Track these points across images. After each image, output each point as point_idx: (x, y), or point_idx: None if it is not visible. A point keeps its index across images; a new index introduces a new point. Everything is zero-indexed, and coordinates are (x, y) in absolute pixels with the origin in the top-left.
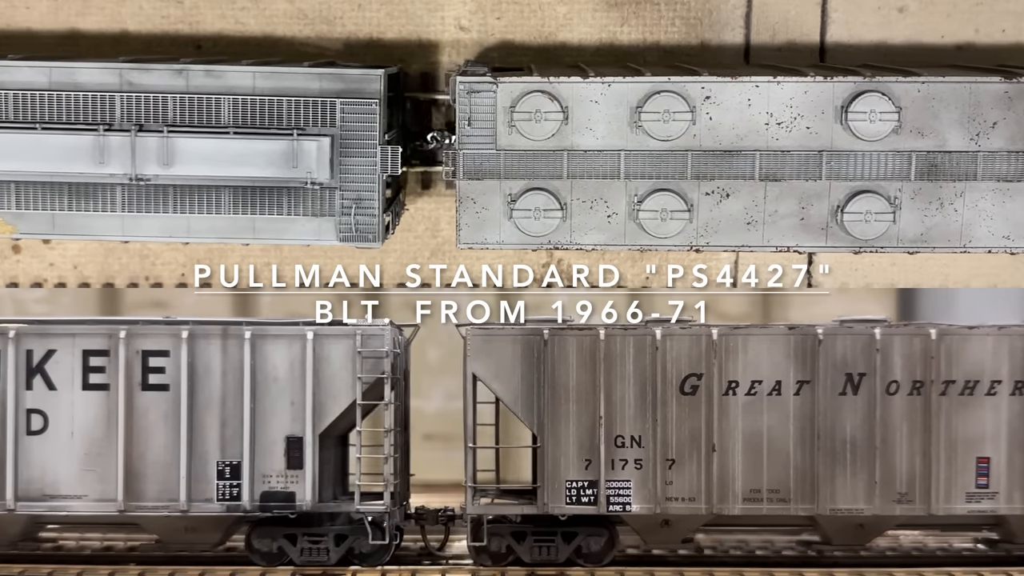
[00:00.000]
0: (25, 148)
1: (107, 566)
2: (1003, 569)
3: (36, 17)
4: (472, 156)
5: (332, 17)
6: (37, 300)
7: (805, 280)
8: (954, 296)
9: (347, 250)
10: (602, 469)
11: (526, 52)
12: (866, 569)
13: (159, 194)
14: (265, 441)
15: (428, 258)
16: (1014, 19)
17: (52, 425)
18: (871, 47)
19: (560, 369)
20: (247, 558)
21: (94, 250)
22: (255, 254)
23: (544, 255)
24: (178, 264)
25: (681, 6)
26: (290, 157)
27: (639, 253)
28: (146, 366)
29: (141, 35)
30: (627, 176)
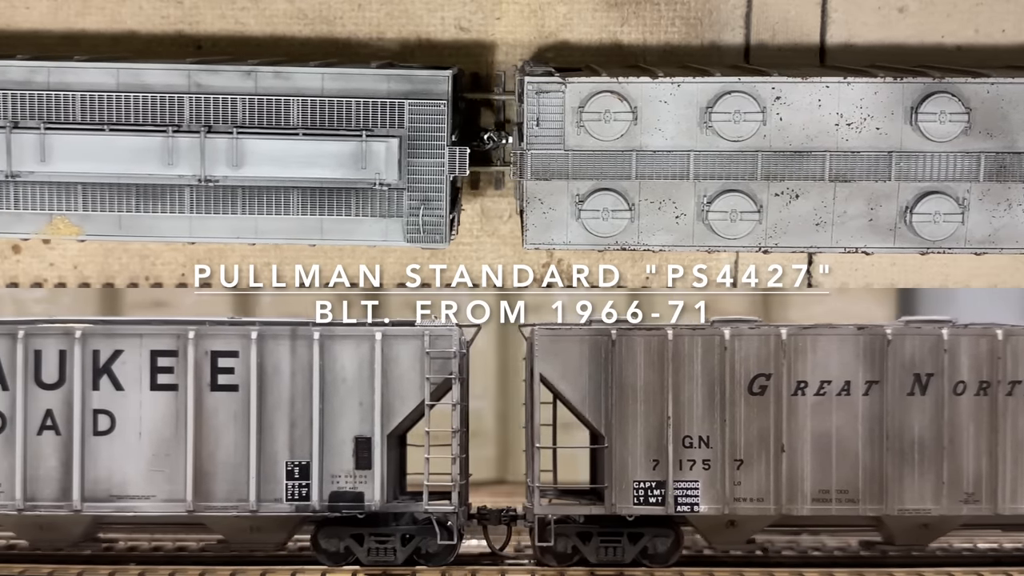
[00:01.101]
0: (93, 150)
1: (107, 566)
2: (1003, 569)
3: (36, 17)
4: (540, 156)
5: (332, 17)
6: (37, 300)
7: (805, 280)
8: (954, 296)
9: (347, 250)
10: (670, 469)
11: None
12: (866, 569)
13: (227, 195)
14: (334, 441)
15: (428, 258)
16: (1014, 19)
17: (119, 426)
18: (871, 47)
19: (628, 369)
20: (248, 558)
21: (94, 250)
22: (255, 254)
23: (544, 255)
24: (178, 264)
25: (681, 6)
26: (359, 158)
27: (639, 253)
28: (215, 366)
29: (141, 35)
30: (696, 177)
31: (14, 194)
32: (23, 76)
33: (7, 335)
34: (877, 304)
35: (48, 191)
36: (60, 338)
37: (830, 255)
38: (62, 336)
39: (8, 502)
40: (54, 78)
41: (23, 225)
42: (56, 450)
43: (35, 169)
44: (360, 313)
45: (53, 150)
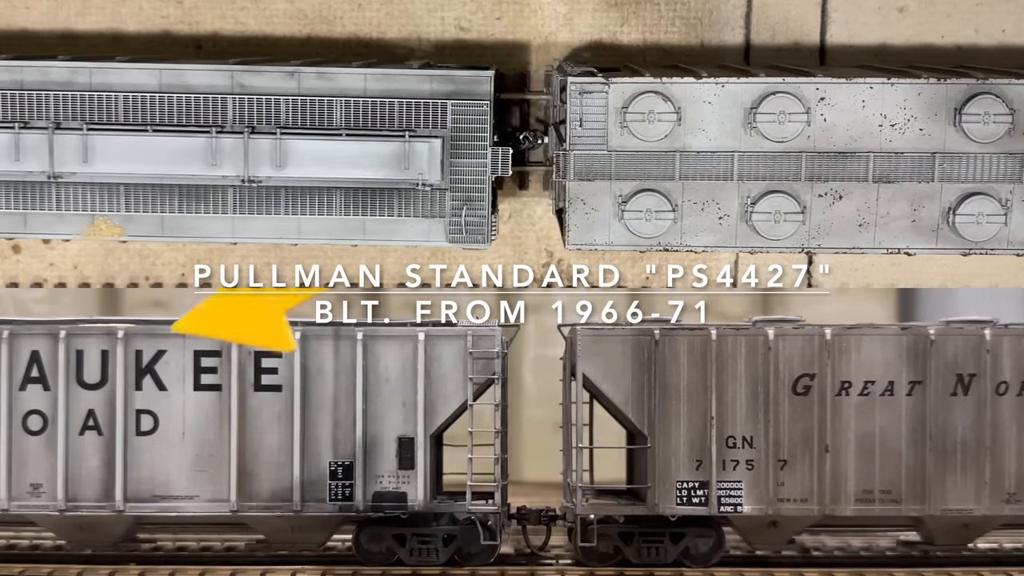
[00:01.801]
0: (136, 151)
1: (107, 566)
2: (1003, 569)
3: (36, 17)
4: (583, 157)
5: (332, 17)
6: (37, 300)
7: (805, 280)
8: (954, 296)
9: (347, 250)
10: (713, 470)
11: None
12: (866, 569)
13: (270, 195)
14: (377, 441)
15: (428, 258)
16: (1014, 19)
17: (162, 426)
18: (871, 47)
19: (671, 369)
20: (248, 557)
21: (94, 250)
22: (255, 254)
23: (544, 255)
24: (178, 264)
25: (681, 6)
26: (402, 159)
27: (639, 253)
28: (259, 367)
29: (141, 35)
30: (740, 178)
31: (56, 195)
32: (65, 77)
33: (48, 335)
34: (877, 304)
35: (90, 192)
36: (102, 338)
37: (830, 255)
38: (104, 336)
39: (49, 503)
40: (96, 79)
41: (64, 226)
42: (98, 450)
43: (77, 170)
44: (361, 313)
45: (95, 151)
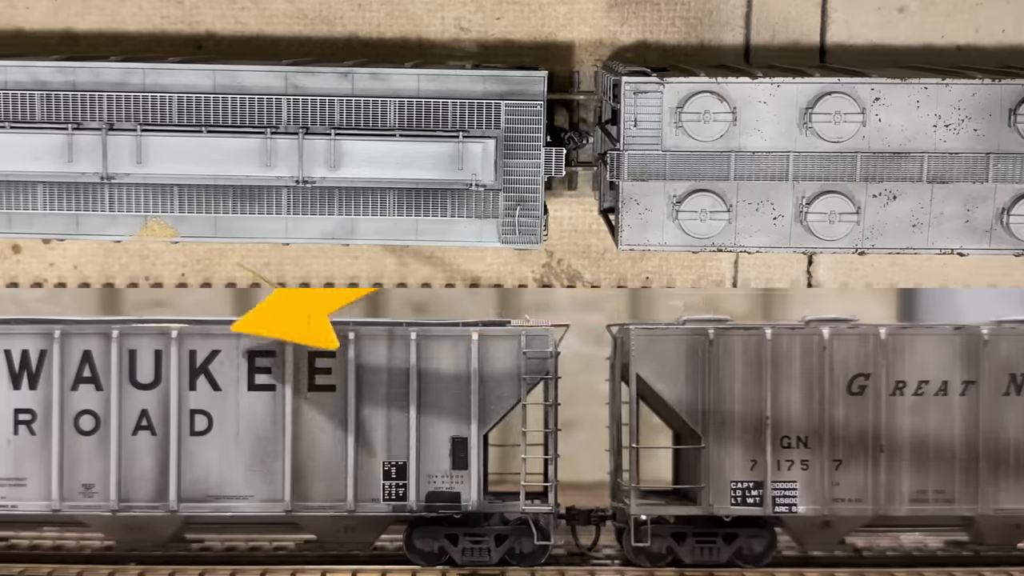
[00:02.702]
0: (190, 152)
1: (107, 566)
2: (1004, 569)
3: (36, 17)
4: (637, 157)
5: (332, 17)
6: (37, 300)
7: (805, 280)
8: (954, 296)
9: (346, 249)
10: (768, 470)
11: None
12: (866, 569)
13: (324, 196)
14: (431, 441)
15: (428, 257)
16: (1014, 19)
17: (216, 426)
18: (871, 47)
19: (725, 369)
20: (248, 557)
21: (94, 250)
22: (255, 254)
23: (544, 255)
24: (178, 264)
25: (681, 6)
26: (455, 159)
27: (639, 253)
28: (312, 367)
29: (141, 35)
30: (795, 178)
31: (109, 196)
32: (118, 77)
33: (101, 335)
34: (878, 304)
35: (143, 193)
36: (156, 338)
37: (830, 255)
38: (158, 336)
39: (102, 503)
40: (149, 79)
41: (117, 227)
42: (152, 450)
43: (131, 171)
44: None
45: (149, 152)
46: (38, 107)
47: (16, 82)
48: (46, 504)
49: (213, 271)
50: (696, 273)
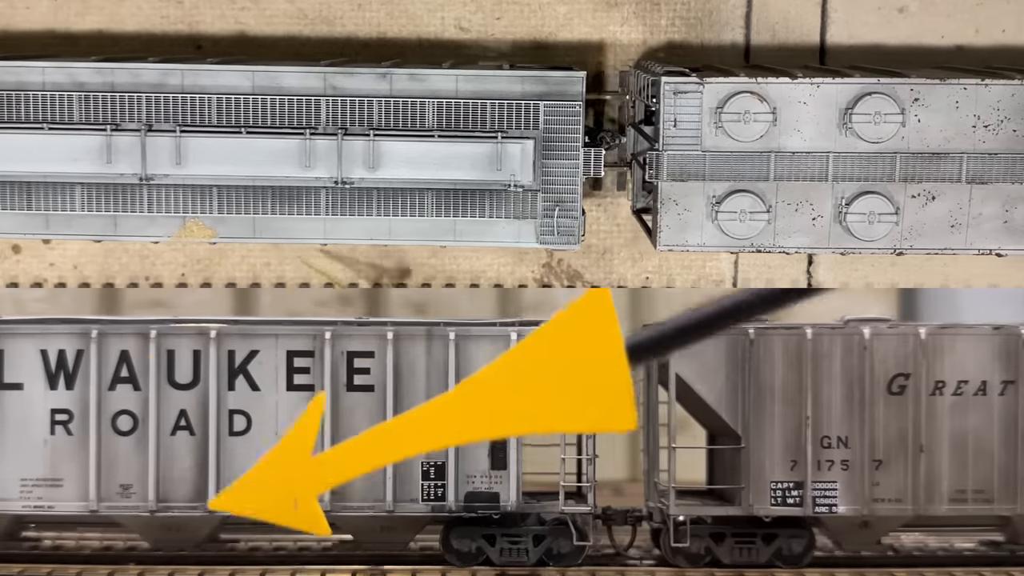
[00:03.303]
0: (229, 152)
1: (107, 566)
2: (1004, 569)
3: (36, 17)
4: (676, 157)
5: (332, 17)
6: (37, 300)
7: (805, 280)
8: (954, 296)
9: (347, 248)
10: (809, 470)
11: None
12: (866, 569)
13: (362, 197)
14: None
15: (428, 257)
16: (1014, 19)
17: (255, 426)
18: (871, 47)
19: (765, 369)
20: (247, 557)
21: (94, 250)
22: (255, 254)
23: (544, 255)
24: (178, 264)
25: (681, 6)
26: (494, 160)
27: (639, 253)
28: (351, 367)
29: (141, 35)
30: (835, 178)
31: (147, 197)
32: (157, 79)
33: (139, 334)
34: (878, 304)
35: (182, 194)
36: (194, 338)
37: (830, 255)
38: (196, 336)
39: (140, 503)
40: (188, 80)
41: (155, 228)
42: (190, 450)
43: (170, 172)
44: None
45: (188, 153)
46: (76, 108)
47: (54, 83)
48: (83, 505)
49: (213, 271)
50: (696, 273)
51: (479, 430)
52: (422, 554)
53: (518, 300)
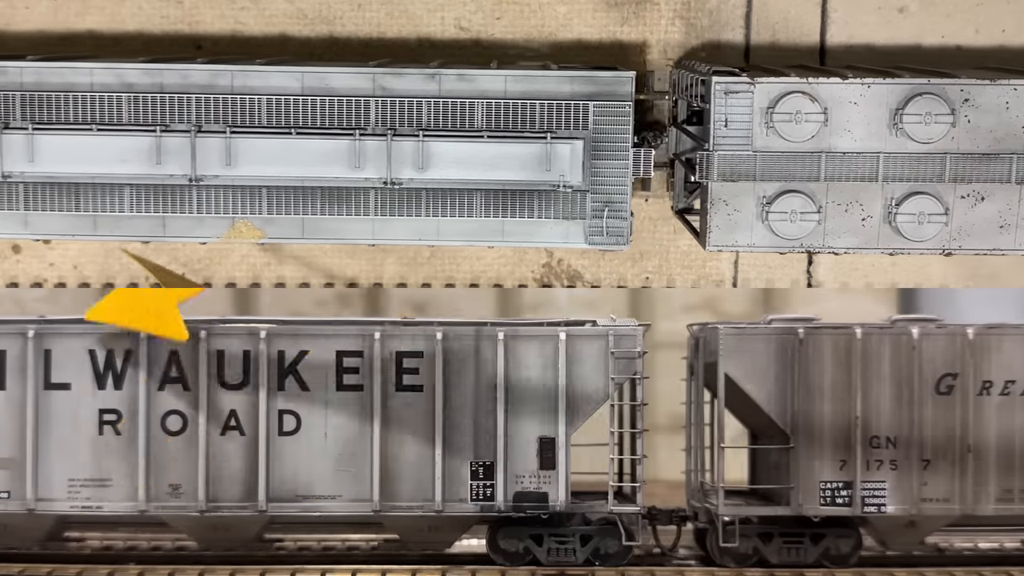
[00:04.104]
0: (279, 153)
1: (107, 565)
2: (1004, 569)
3: (36, 17)
4: (727, 158)
5: (332, 17)
6: (37, 300)
7: (805, 280)
8: (954, 296)
9: (346, 249)
10: (858, 470)
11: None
12: (867, 569)
13: (411, 197)
14: (518, 441)
15: (428, 257)
16: (1014, 19)
17: (305, 426)
18: (871, 47)
19: (815, 369)
20: (247, 557)
21: (94, 250)
22: (255, 253)
23: (544, 254)
24: (178, 264)
25: (681, 6)
26: (543, 160)
27: (639, 253)
28: (400, 367)
29: (141, 35)
30: (885, 179)
31: (197, 198)
32: (206, 80)
33: (188, 335)
34: (878, 304)
35: (231, 195)
36: (244, 338)
37: (830, 255)
38: (246, 336)
39: (190, 503)
40: (237, 81)
41: (204, 229)
42: (240, 451)
43: (219, 173)
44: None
45: (238, 154)
46: (125, 109)
47: (102, 84)
48: (132, 505)
49: (213, 271)
50: (696, 273)
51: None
52: (422, 554)
53: (518, 300)
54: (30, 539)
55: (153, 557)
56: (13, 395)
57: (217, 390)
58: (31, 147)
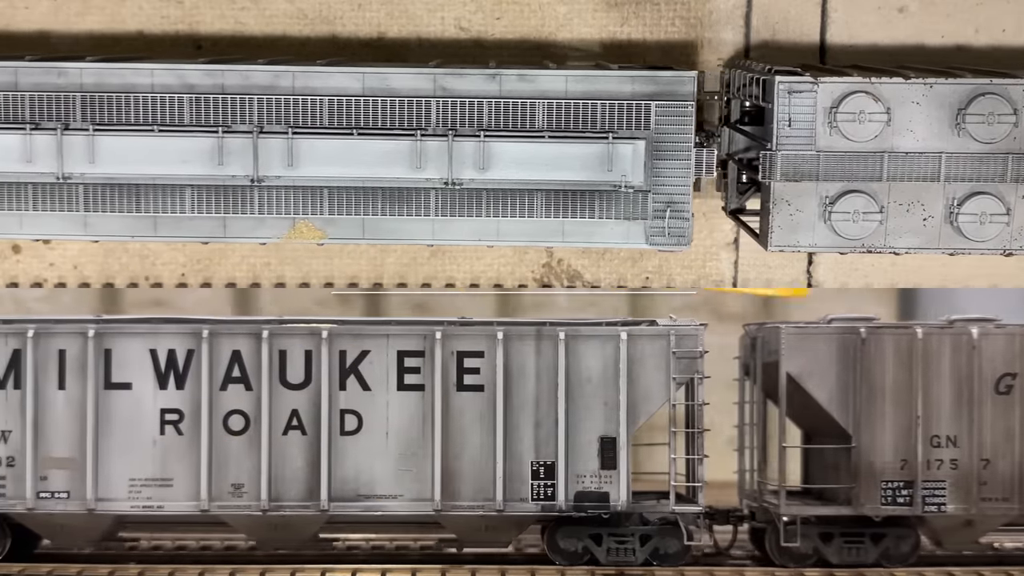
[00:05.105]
0: (340, 154)
1: (107, 565)
2: (1003, 569)
3: (36, 17)
4: (790, 157)
5: (332, 17)
6: (37, 299)
7: (805, 280)
8: (954, 296)
9: (346, 249)
10: (919, 469)
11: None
12: (867, 569)
13: (472, 197)
14: (579, 441)
15: (428, 258)
16: (1014, 19)
17: (366, 425)
18: (871, 47)
19: (876, 368)
20: (247, 556)
21: (94, 250)
22: (255, 254)
23: (544, 254)
24: (178, 264)
25: (681, 6)
26: (604, 160)
27: (639, 253)
28: (461, 367)
29: (141, 35)
30: (946, 179)
31: (258, 199)
32: (267, 80)
33: (251, 335)
34: (878, 304)
35: (292, 195)
36: (306, 338)
37: (829, 255)
38: (308, 336)
39: (252, 503)
40: (299, 82)
41: (265, 230)
42: (302, 450)
43: (281, 174)
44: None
45: (300, 154)
46: (187, 110)
47: (163, 85)
48: (194, 504)
49: (213, 271)
50: (696, 273)
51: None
52: (422, 553)
53: (517, 300)
54: (86, 539)
55: (153, 556)
56: (73, 395)
57: (279, 390)
58: (91, 148)
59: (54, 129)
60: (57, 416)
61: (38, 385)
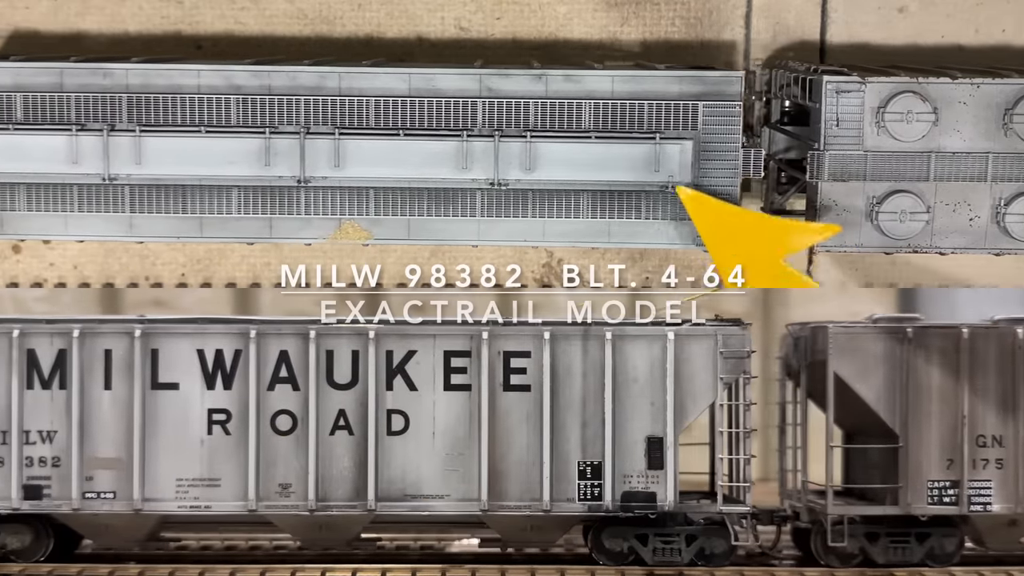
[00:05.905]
0: (387, 155)
1: (107, 565)
2: (1004, 569)
3: (36, 17)
4: (838, 157)
5: (332, 17)
6: (37, 299)
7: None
8: (954, 296)
9: (347, 249)
10: (965, 469)
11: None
12: (867, 569)
13: (517, 198)
14: (626, 441)
15: (428, 258)
16: (1014, 19)
17: (413, 426)
18: (871, 47)
19: (922, 368)
20: (248, 556)
21: (94, 250)
22: (255, 254)
23: (544, 254)
24: (178, 264)
25: (681, 6)
26: (651, 161)
27: (639, 253)
28: (507, 367)
29: (141, 35)
30: (993, 179)
31: (305, 199)
32: (314, 81)
33: (298, 335)
34: (878, 303)
35: (339, 196)
36: (353, 338)
37: (828, 255)
38: (355, 336)
39: (299, 503)
40: (345, 83)
41: (311, 230)
42: (349, 450)
43: (328, 174)
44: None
45: (346, 155)
46: (233, 111)
47: (210, 86)
48: (241, 504)
49: (213, 271)
50: (696, 273)
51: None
52: (422, 553)
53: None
54: (131, 539)
55: (154, 556)
56: (119, 395)
57: (326, 390)
58: (138, 149)
59: (100, 130)
60: (103, 416)
61: (84, 385)
